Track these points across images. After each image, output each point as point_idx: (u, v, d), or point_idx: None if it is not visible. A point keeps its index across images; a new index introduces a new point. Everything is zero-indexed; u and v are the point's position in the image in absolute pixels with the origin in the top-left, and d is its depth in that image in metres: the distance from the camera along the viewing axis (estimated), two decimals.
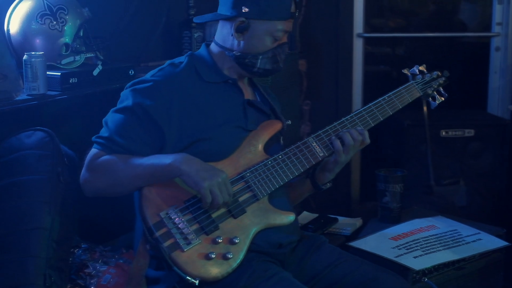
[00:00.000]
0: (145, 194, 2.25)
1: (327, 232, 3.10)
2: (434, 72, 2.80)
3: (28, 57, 2.65)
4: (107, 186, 2.29)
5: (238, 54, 2.43)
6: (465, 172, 4.26)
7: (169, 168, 2.22)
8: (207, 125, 2.37)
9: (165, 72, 2.42)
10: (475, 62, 4.89)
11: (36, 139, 2.48)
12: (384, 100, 2.63)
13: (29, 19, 2.79)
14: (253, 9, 2.38)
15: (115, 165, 2.27)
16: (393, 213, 3.08)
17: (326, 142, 2.48)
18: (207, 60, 2.49)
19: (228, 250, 2.24)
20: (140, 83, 2.39)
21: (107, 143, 2.31)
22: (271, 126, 2.51)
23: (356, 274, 2.43)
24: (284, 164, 2.42)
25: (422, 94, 2.74)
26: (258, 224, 2.33)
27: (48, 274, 2.32)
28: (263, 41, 2.42)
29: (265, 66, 2.45)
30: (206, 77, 2.45)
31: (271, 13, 2.39)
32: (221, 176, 2.23)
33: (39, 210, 2.37)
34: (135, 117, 2.32)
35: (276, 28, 2.41)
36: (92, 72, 2.87)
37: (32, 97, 2.66)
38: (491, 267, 2.92)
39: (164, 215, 2.22)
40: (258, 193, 2.35)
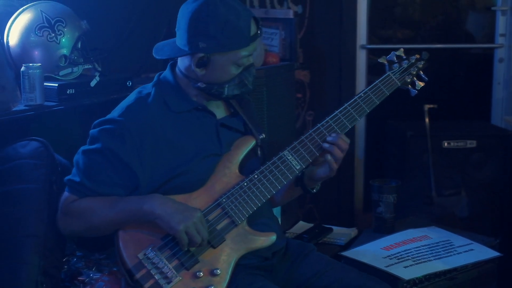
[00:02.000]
0: (121, 236, 2.25)
1: (321, 242, 3.13)
2: (412, 57, 2.63)
3: (26, 68, 2.71)
4: (82, 229, 2.31)
5: (204, 86, 2.35)
6: (467, 183, 4.27)
7: (143, 212, 2.21)
8: (180, 160, 2.32)
9: (133, 111, 2.33)
10: (479, 73, 4.91)
11: (31, 149, 2.52)
12: (360, 98, 2.49)
13: (28, 31, 2.85)
14: (210, 44, 2.27)
15: (89, 210, 2.27)
16: (387, 223, 3.11)
17: (303, 153, 2.39)
18: (174, 87, 2.40)
19: (209, 283, 2.24)
20: (108, 123, 2.32)
21: (78, 188, 2.30)
22: (244, 144, 2.44)
23: (343, 281, 2.43)
24: (261, 183, 2.35)
25: (400, 85, 2.58)
26: (238, 250, 2.31)
27: (40, 281, 2.35)
28: (227, 71, 2.33)
29: (233, 92, 2.37)
30: (175, 108, 2.37)
31: (231, 44, 2.28)
32: (195, 216, 2.20)
33: (33, 218, 2.41)
34: (105, 160, 2.28)
35: (238, 56, 2.31)
36: (89, 83, 2.92)
37: (29, 108, 2.72)
38: (484, 277, 2.94)
39: (142, 256, 2.21)
40: (236, 218, 2.32)
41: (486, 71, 4.76)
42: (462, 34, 5.08)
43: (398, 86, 2.57)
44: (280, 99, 3.23)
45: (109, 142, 2.29)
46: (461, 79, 5.05)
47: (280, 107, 3.17)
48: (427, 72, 2.69)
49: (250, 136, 2.47)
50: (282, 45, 3.89)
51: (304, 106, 4.59)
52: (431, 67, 4.98)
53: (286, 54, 3.90)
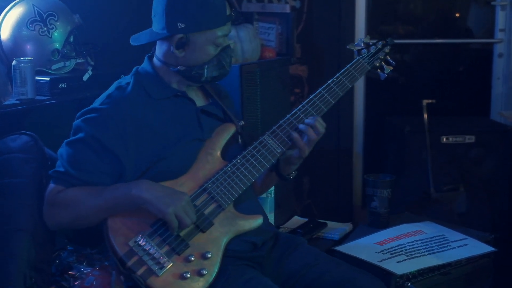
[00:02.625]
0: (110, 226, 2.25)
1: (315, 236, 3.12)
2: (378, 42, 2.74)
3: (17, 62, 2.71)
4: (69, 220, 2.31)
5: (183, 69, 2.41)
6: (466, 179, 4.24)
7: (131, 198, 2.22)
8: (163, 144, 2.36)
9: (114, 99, 2.39)
10: (478, 68, 4.88)
11: (21, 143, 2.51)
12: (333, 82, 2.60)
13: (20, 25, 2.85)
14: (189, 23, 2.35)
15: (75, 200, 2.27)
16: (381, 218, 3.10)
17: (283, 137, 2.46)
18: (153, 76, 2.46)
19: (202, 267, 2.25)
20: (90, 112, 2.36)
21: (63, 177, 2.31)
22: (225, 130, 2.49)
23: (333, 274, 2.43)
24: (244, 167, 2.41)
25: (370, 68, 2.69)
26: (227, 233, 2.34)
27: (29, 275, 2.35)
28: (206, 51, 2.39)
29: (212, 74, 2.43)
30: (155, 95, 2.42)
31: (208, 23, 2.36)
32: (183, 199, 2.23)
33: (22, 212, 2.40)
34: (89, 149, 2.30)
35: (216, 35, 2.38)
36: (82, 77, 2.91)
37: (20, 102, 2.72)
38: (479, 272, 2.92)
39: (133, 244, 2.22)
40: (223, 202, 2.35)
41: (485, 66, 4.74)
42: (461, 29, 5.06)
43: (368, 69, 2.69)
44: (274, 93, 3.22)
45: (92, 130, 2.31)
46: (460, 74, 5.03)
47: (275, 101, 3.17)
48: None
49: (230, 123, 2.53)
50: (278, 40, 3.88)
51: (302, 101, 4.55)
52: (430, 62, 5.03)
53: (283, 49, 3.88)
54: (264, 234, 2.49)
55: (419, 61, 5.09)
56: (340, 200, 4.72)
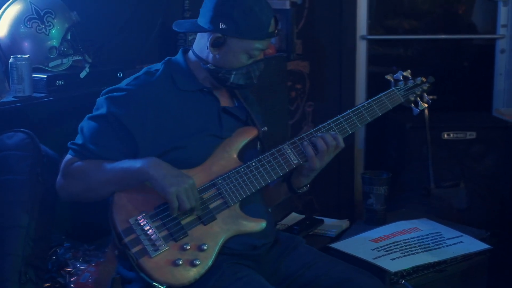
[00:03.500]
0: (115, 200, 2.28)
1: (312, 233, 3.13)
2: (418, 78, 2.74)
3: (14, 60, 2.72)
4: (80, 191, 2.33)
5: (212, 68, 2.43)
6: (466, 175, 4.25)
7: (138, 172, 2.25)
8: (181, 133, 2.38)
9: (140, 81, 2.43)
10: (480, 64, 4.88)
11: (17, 140, 2.53)
12: (364, 107, 2.59)
13: (17, 23, 2.85)
14: (230, 26, 2.36)
15: (87, 170, 2.31)
16: (377, 215, 3.11)
17: (301, 149, 2.45)
18: (183, 67, 2.49)
19: (195, 257, 2.26)
20: (115, 91, 2.40)
21: (80, 150, 2.35)
22: (246, 133, 2.50)
23: (331, 274, 2.44)
24: (257, 171, 2.41)
25: (403, 101, 2.69)
26: (227, 231, 2.34)
27: (24, 271, 2.37)
28: (238, 58, 2.41)
29: (238, 82, 2.45)
30: (181, 86, 2.45)
31: (249, 32, 2.37)
32: (188, 182, 2.24)
33: (17, 209, 2.43)
34: (108, 126, 2.34)
35: (253, 47, 2.39)
36: (79, 75, 2.92)
37: (17, 99, 2.73)
38: (474, 270, 2.93)
39: (133, 221, 2.25)
40: (229, 200, 2.36)
41: (487, 62, 4.73)
42: (464, 24, 5.05)
43: (401, 102, 2.69)
44: (271, 90, 3.23)
45: (113, 108, 2.35)
46: (462, 70, 5.02)
47: (272, 98, 3.17)
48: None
49: (253, 127, 2.54)
50: (278, 36, 3.88)
51: (304, 97, 4.58)
52: (433, 58, 5.02)
53: (283, 45, 3.89)
54: (267, 237, 2.49)
55: (422, 56, 5.08)
56: (341, 197, 4.74)
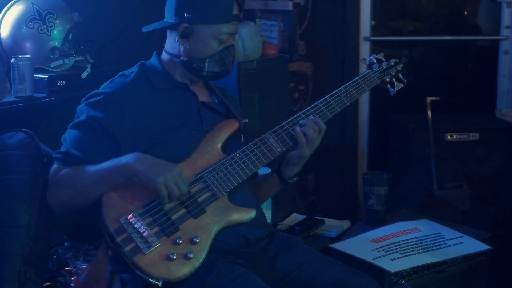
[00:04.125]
0: (104, 201, 2.30)
1: (313, 234, 3.13)
2: (391, 60, 2.79)
3: (15, 60, 2.75)
4: (70, 198, 2.36)
5: (185, 60, 2.48)
6: (469, 177, 4.24)
7: (124, 168, 2.28)
8: (161, 129, 2.42)
9: (116, 83, 2.48)
10: (484, 65, 4.87)
11: (17, 140, 2.54)
12: (341, 91, 2.63)
13: (19, 24, 2.88)
14: (195, 14, 2.43)
15: (74, 176, 2.34)
16: (378, 215, 3.11)
17: (284, 137, 2.50)
18: (157, 68, 2.54)
19: (189, 250, 2.27)
20: (93, 96, 2.44)
21: (64, 157, 2.38)
22: (227, 126, 2.54)
23: (327, 275, 2.43)
24: (242, 161, 2.44)
25: (379, 82, 2.74)
26: (218, 222, 2.36)
27: (24, 271, 2.38)
28: (208, 45, 2.46)
29: (214, 69, 2.50)
30: (158, 85, 2.49)
31: (214, 17, 2.44)
32: (175, 170, 2.27)
33: (17, 209, 2.43)
34: (89, 130, 2.38)
35: (220, 31, 2.45)
36: (81, 75, 2.94)
37: (19, 99, 2.75)
38: (475, 270, 2.93)
39: (124, 221, 2.26)
40: (217, 192, 2.38)
41: (491, 63, 4.72)
42: (467, 26, 5.05)
43: (377, 83, 2.75)
44: (272, 91, 3.23)
45: (93, 112, 2.39)
46: (465, 71, 5.01)
47: (273, 99, 3.17)
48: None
49: (234, 119, 2.58)
50: (281, 37, 3.89)
51: (307, 98, 4.57)
52: (436, 59, 5.02)
53: (285, 46, 3.89)
54: (258, 229, 2.49)
55: (425, 58, 5.08)
56: (344, 197, 4.73)
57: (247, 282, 2.31)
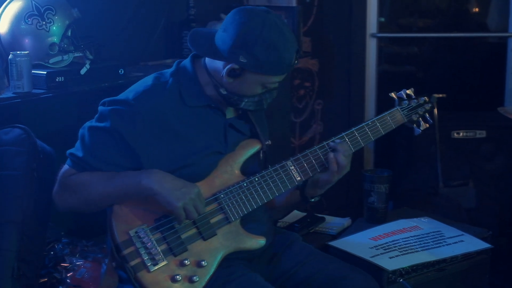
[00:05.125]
0: (115, 211, 2.26)
1: (313, 231, 3.10)
2: (421, 98, 2.72)
3: (13, 56, 2.74)
4: (78, 203, 2.30)
5: (225, 93, 2.34)
6: (476, 174, 4.22)
7: (141, 187, 2.21)
8: (185, 152, 2.32)
9: (148, 96, 2.32)
10: (492, 62, 4.83)
11: (13, 136, 2.54)
12: (368, 126, 2.57)
13: (18, 20, 2.88)
14: (250, 61, 2.25)
15: (87, 184, 2.26)
16: (378, 213, 3.07)
17: (305, 166, 2.44)
18: (192, 80, 2.38)
19: (194, 273, 2.25)
20: (122, 104, 2.31)
21: (79, 162, 2.30)
22: (249, 146, 2.46)
23: (325, 272, 2.43)
24: (260, 187, 2.38)
25: (406, 121, 2.68)
26: (227, 247, 2.33)
27: (17, 267, 2.38)
28: (253, 89, 2.34)
29: (249, 108, 2.39)
30: (189, 102, 2.35)
31: (269, 69, 2.28)
32: (193, 192, 2.22)
33: (12, 205, 2.44)
34: (111, 140, 2.27)
35: (270, 81, 2.33)
36: (79, 71, 2.93)
37: (17, 95, 2.75)
38: (476, 269, 2.89)
39: (133, 234, 2.23)
40: (231, 215, 2.34)
41: (499, 61, 4.68)
42: (475, 22, 5.01)
43: (404, 122, 2.67)
44: None
45: (118, 123, 2.27)
46: (473, 68, 4.97)
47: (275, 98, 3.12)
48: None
49: (257, 140, 2.49)
50: None
51: (313, 95, 4.56)
52: (443, 56, 4.98)
53: None
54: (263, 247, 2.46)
55: (433, 55, 5.05)
56: (350, 195, 4.71)
57: (247, 281, 2.32)
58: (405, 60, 5.10)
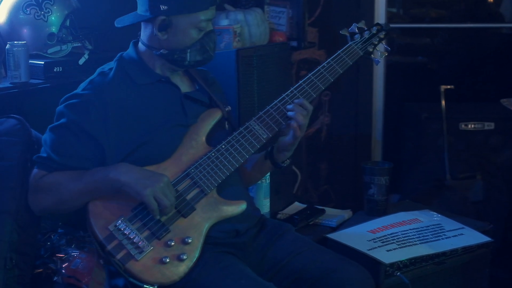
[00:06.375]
0: (91, 210, 2.27)
1: (313, 223, 3.09)
2: (373, 28, 2.70)
3: (10, 46, 2.74)
4: (52, 204, 2.33)
5: (166, 52, 2.40)
6: (483, 167, 4.16)
7: (109, 181, 2.23)
8: (145, 129, 2.36)
9: (96, 84, 2.39)
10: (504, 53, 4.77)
11: (8, 126, 2.54)
12: (324, 68, 2.57)
13: (16, 10, 2.88)
14: (171, 5, 2.33)
15: (57, 184, 2.29)
16: (378, 205, 3.06)
17: (269, 122, 2.44)
18: (136, 61, 2.46)
19: (181, 252, 2.24)
20: (72, 98, 2.37)
21: (45, 162, 2.33)
22: (210, 116, 2.48)
23: (317, 263, 2.40)
24: (228, 153, 2.39)
25: (362, 54, 2.65)
26: (209, 219, 2.32)
27: (10, 257, 2.38)
28: (188, 35, 2.38)
29: (196, 58, 2.42)
30: (138, 80, 2.42)
31: (190, 6, 2.35)
32: (162, 181, 2.22)
33: (5, 195, 2.43)
34: (71, 134, 2.32)
35: (199, 19, 2.37)
36: (78, 61, 2.93)
37: (13, 85, 2.74)
38: (476, 263, 2.86)
39: (112, 228, 2.23)
40: (205, 187, 2.33)
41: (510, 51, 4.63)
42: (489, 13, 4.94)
43: (360, 55, 2.65)
44: (272, 78, 3.17)
45: (74, 115, 2.33)
46: (484, 59, 4.91)
47: (273, 89, 3.11)
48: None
49: (216, 108, 2.51)
50: (289, 24, 3.84)
51: None
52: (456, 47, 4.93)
53: (294, 33, 3.84)
54: (249, 220, 2.47)
55: (445, 45, 4.99)
56: (358, 187, 4.67)
57: (235, 272, 2.29)
58: (416, 51, 5.05)
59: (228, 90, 2.88)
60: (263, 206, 3.01)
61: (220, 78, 2.73)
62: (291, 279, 2.41)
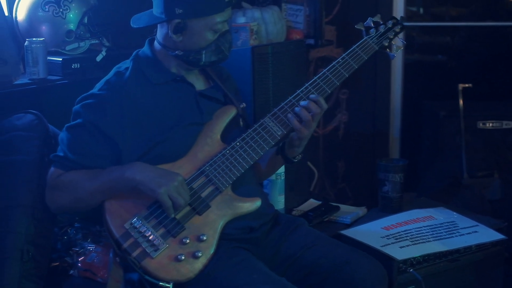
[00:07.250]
0: (107, 208, 2.29)
1: (327, 220, 3.10)
2: (389, 21, 2.69)
3: (29, 43, 2.79)
4: (69, 202, 2.36)
5: (181, 54, 2.41)
6: (501, 165, 4.15)
7: (125, 180, 2.25)
8: (160, 128, 2.37)
9: (112, 85, 2.41)
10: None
11: (26, 121, 2.58)
12: (339, 63, 2.53)
13: (35, 7, 2.92)
14: (186, 9, 2.34)
15: (74, 182, 2.32)
16: (392, 202, 3.06)
17: (283, 119, 2.44)
18: (152, 60, 2.47)
19: (197, 249, 2.26)
20: (89, 98, 2.39)
21: (62, 161, 2.36)
22: (225, 113, 2.49)
23: (330, 256, 2.41)
24: (243, 150, 2.40)
25: (378, 48, 2.63)
26: (224, 216, 2.34)
27: (26, 249, 2.42)
28: (203, 37, 2.38)
29: (211, 59, 2.42)
30: (154, 80, 2.43)
31: (206, 9, 2.35)
32: (176, 179, 2.24)
33: (22, 189, 2.47)
34: (87, 134, 2.34)
35: (215, 21, 2.37)
36: (95, 58, 2.96)
37: (32, 82, 2.79)
38: (490, 260, 2.86)
39: (128, 226, 2.25)
40: (220, 185, 2.34)
41: None
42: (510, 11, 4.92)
43: (375, 50, 2.63)
44: (287, 76, 3.18)
45: (90, 115, 2.36)
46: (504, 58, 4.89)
47: (288, 86, 3.12)
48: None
49: (231, 105, 2.52)
50: (306, 22, 3.85)
51: None
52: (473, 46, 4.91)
53: (311, 31, 3.86)
54: (263, 217, 2.48)
55: (464, 44, 4.98)
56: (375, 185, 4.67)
57: (248, 267, 2.31)
58: (435, 49, 5.04)
59: (243, 87, 2.90)
60: (277, 202, 3.03)
61: (236, 75, 2.74)
62: (304, 273, 2.42)
